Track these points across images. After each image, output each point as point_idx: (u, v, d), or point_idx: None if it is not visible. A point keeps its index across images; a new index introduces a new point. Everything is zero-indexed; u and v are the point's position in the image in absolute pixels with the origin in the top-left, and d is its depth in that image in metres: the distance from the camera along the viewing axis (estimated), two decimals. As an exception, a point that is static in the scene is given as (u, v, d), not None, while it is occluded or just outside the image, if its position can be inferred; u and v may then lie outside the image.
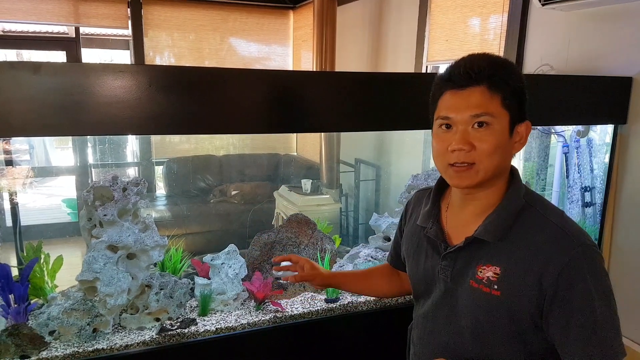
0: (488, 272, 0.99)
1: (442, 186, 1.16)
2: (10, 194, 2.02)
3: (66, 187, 4.41)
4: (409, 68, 3.53)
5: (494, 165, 0.96)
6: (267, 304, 1.74)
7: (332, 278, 1.36)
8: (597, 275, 0.92)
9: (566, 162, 2.18)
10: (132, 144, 4.18)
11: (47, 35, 5.06)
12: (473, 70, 0.94)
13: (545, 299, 0.93)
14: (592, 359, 0.90)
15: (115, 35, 5.63)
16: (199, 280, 1.72)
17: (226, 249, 1.79)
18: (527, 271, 0.94)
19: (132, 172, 4.31)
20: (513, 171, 1.05)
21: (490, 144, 0.94)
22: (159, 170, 4.74)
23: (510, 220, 0.99)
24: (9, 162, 2.26)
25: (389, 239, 2.11)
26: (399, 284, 1.40)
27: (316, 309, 1.76)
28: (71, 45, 4.91)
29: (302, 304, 1.79)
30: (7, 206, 2.00)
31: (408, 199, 2.12)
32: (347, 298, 1.83)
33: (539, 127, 2.20)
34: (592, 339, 0.91)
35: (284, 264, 1.35)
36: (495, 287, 0.97)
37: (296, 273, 1.33)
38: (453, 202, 1.11)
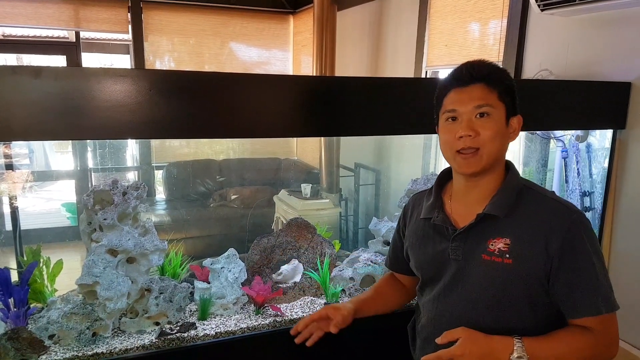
0: (499, 244, 1.11)
1: (442, 181, 1.30)
2: (10, 198, 2.02)
3: (66, 191, 4.41)
4: (409, 73, 3.54)
5: (496, 149, 1.11)
6: (267, 308, 1.74)
7: (355, 311, 1.36)
8: (591, 237, 1.08)
9: (565, 167, 2.18)
10: (132, 148, 4.19)
11: (47, 39, 5.07)
12: (474, 70, 1.12)
13: (553, 263, 1.06)
14: (599, 310, 1.04)
15: (115, 40, 5.64)
16: (199, 284, 1.72)
17: (226, 253, 1.79)
18: (534, 239, 1.07)
19: (132, 176, 4.31)
20: (508, 164, 1.20)
21: (492, 130, 1.10)
22: (158, 174, 4.75)
23: (513, 197, 1.13)
24: (9, 166, 2.26)
25: (388, 243, 2.11)
26: (405, 290, 1.48)
27: (316, 313, 1.75)
28: (71, 49, 4.92)
29: (301, 308, 1.79)
30: (6, 210, 2.00)
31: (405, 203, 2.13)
32: (346, 302, 1.83)
33: (538, 132, 2.20)
34: (596, 292, 1.04)
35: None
36: (507, 256, 1.09)
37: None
38: (456, 191, 1.23)
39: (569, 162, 2.17)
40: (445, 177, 1.30)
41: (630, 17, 1.98)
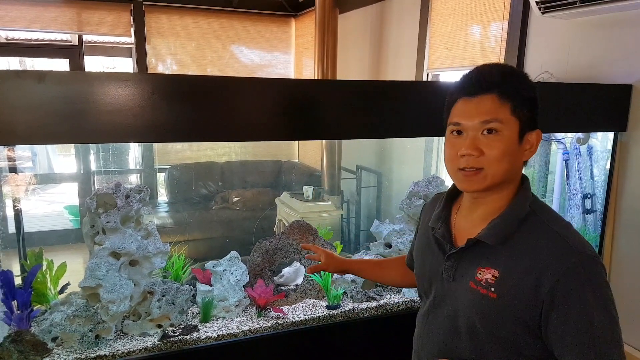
0: (487, 275, 1.00)
1: (455, 190, 1.17)
2: (14, 201, 2.03)
3: (68, 194, 4.43)
4: (410, 76, 3.54)
5: (503, 170, 0.98)
6: (269, 310, 1.75)
7: (345, 264, 1.43)
8: (595, 285, 0.92)
9: (567, 169, 2.18)
10: (134, 151, 4.20)
11: (50, 43, 5.10)
12: (484, 79, 0.98)
13: (543, 307, 0.94)
14: None
15: (117, 43, 5.67)
16: (201, 287, 1.73)
17: (228, 256, 1.80)
18: (525, 276, 0.95)
19: (134, 179, 4.32)
20: (523, 179, 1.06)
21: (498, 150, 0.97)
22: (161, 177, 4.76)
23: (514, 226, 1.00)
24: (12, 169, 2.27)
25: (390, 246, 2.12)
26: (408, 278, 1.41)
27: (317, 315, 1.76)
28: (74, 52, 4.94)
29: (303, 310, 1.79)
30: (10, 213, 2.01)
31: (409, 205, 2.14)
32: (348, 305, 1.83)
33: (539, 134, 2.21)
34: (589, 348, 0.90)
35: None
36: (492, 289, 0.98)
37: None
38: (463, 205, 1.12)
39: (571, 164, 2.17)
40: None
41: (631, 19, 1.98)
